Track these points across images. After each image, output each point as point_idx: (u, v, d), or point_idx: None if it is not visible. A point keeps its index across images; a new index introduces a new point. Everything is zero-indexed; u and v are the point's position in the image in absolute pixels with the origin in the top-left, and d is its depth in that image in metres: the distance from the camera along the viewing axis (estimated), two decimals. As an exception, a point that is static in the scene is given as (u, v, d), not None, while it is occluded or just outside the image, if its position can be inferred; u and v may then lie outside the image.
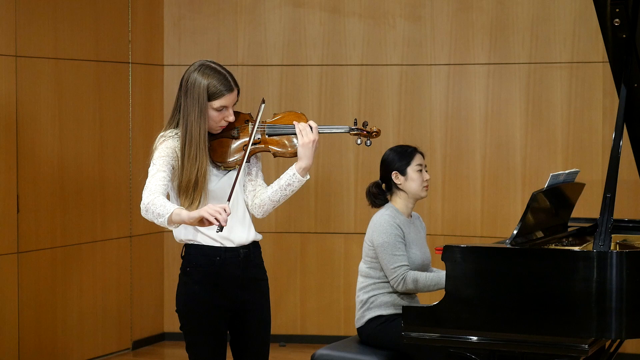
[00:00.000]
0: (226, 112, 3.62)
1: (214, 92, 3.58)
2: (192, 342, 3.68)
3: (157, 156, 3.56)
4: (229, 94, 3.60)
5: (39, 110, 5.87)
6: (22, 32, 5.75)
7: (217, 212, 3.30)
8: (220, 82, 3.59)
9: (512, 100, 6.40)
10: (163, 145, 3.59)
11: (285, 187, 3.66)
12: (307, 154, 3.62)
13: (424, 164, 4.60)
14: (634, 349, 6.04)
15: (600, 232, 3.82)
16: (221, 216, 3.30)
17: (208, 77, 3.59)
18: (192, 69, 3.62)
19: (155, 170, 3.51)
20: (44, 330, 5.94)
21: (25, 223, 5.78)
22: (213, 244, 3.64)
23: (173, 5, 6.77)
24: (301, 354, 6.02)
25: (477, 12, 6.43)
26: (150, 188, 3.46)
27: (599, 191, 4.70)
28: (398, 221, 4.47)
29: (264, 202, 3.70)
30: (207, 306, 3.64)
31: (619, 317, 3.67)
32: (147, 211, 3.42)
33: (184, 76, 3.64)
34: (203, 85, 3.58)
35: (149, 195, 3.43)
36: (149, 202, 3.41)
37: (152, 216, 3.41)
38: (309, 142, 3.61)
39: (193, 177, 3.54)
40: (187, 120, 3.57)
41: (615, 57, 4.32)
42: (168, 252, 6.82)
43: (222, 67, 3.65)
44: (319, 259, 6.74)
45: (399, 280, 4.38)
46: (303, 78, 6.69)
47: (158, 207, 3.39)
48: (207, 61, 3.65)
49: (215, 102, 3.59)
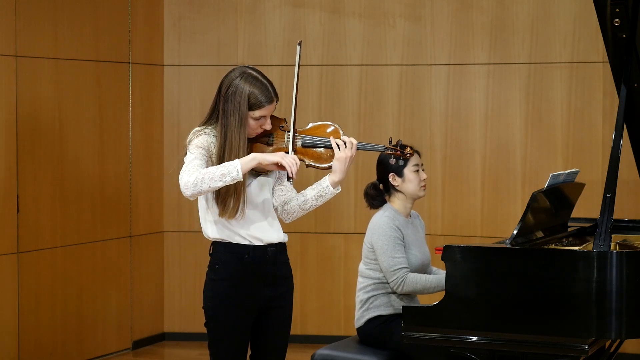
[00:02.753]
0: (264, 121, 3.63)
1: (255, 103, 3.59)
2: (216, 339, 3.71)
3: (194, 146, 3.58)
4: (269, 105, 3.62)
5: (39, 110, 5.87)
6: (22, 32, 5.75)
7: (292, 162, 3.49)
8: (261, 93, 3.60)
9: (512, 100, 6.40)
10: (200, 138, 3.60)
11: (317, 197, 3.71)
12: (341, 169, 3.65)
13: (421, 163, 4.58)
14: (634, 349, 6.04)
15: (600, 232, 3.83)
16: (294, 167, 3.49)
17: (250, 86, 3.59)
18: (234, 76, 3.61)
19: (193, 157, 3.54)
20: (44, 330, 5.94)
21: (25, 223, 5.79)
22: (242, 242, 3.67)
23: (173, 5, 6.77)
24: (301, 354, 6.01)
25: (477, 12, 6.43)
26: (189, 169, 3.48)
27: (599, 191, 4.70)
28: (397, 223, 4.46)
29: (294, 210, 3.76)
30: (234, 304, 3.67)
31: (619, 317, 3.68)
32: (201, 182, 3.43)
33: (224, 81, 3.63)
34: (245, 94, 3.58)
35: (193, 172, 3.45)
36: (197, 175, 3.44)
37: (213, 181, 3.42)
38: (346, 157, 3.64)
39: (232, 184, 3.54)
40: (227, 128, 3.58)
41: (615, 57, 4.32)
42: (168, 252, 6.82)
43: (264, 75, 3.65)
44: (319, 259, 6.75)
45: (398, 282, 4.38)
46: (303, 78, 6.68)
47: (217, 170, 3.44)
48: (249, 69, 3.64)
49: (255, 112, 3.60)
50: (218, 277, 3.69)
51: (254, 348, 3.81)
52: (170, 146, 6.75)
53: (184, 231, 6.82)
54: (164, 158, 6.74)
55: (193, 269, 6.80)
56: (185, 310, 6.84)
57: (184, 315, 6.85)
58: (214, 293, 3.69)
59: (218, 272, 3.69)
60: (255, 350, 3.81)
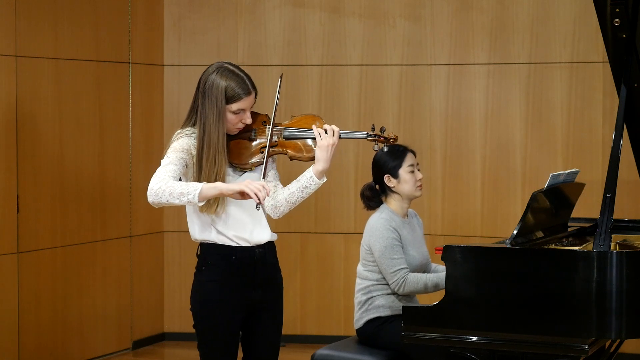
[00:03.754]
0: (244, 114, 3.62)
1: (232, 95, 3.58)
2: (205, 341, 3.70)
3: (171, 150, 3.57)
4: (247, 97, 3.60)
5: (39, 110, 5.87)
6: (22, 32, 5.75)
7: (258, 188, 3.36)
8: (238, 85, 3.59)
9: (512, 100, 6.40)
10: (180, 141, 3.59)
11: (302, 189, 3.66)
12: (324, 157, 3.62)
13: (416, 162, 4.56)
14: (634, 349, 6.04)
15: (600, 232, 3.82)
16: (261, 193, 3.36)
17: (226, 80, 3.58)
18: (210, 71, 3.62)
19: (168, 162, 3.52)
20: (44, 330, 5.94)
21: (25, 223, 5.78)
22: (229, 243, 3.65)
23: (173, 5, 6.77)
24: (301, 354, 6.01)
25: (477, 12, 6.43)
26: (159, 176, 3.45)
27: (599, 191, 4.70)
28: (394, 224, 4.45)
29: (280, 204, 3.71)
30: (221, 305, 3.66)
31: (619, 317, 3.68)
32: (162, 194, 3.39)
33: (201, 77, 3.63)
34: (221, 87, 3.57)
35: (160, 181, 3.42)
36: (159, 186, 3.40)
37: (172, 197, 3.38)
38: (327, 145, 3.61)
39: (212, 180, 3.53)
40: (205, 123, 3.57)
41: (615, 57, 4.32)
42: (168, 252, 6.82)
43: (240, 69, 3.65)
44: (319, 259, 6.74)
45: (399, 283, 4.37)
46: (303, 78, 6.69)
47: (178, 187, 3.39)
48: (225, 63, 3.65)
49: (233, 105, 3.59)
50: (205, 279, 3.68)
51: (245, 350, 3.80)
52: (170, 146, 6.74)
53: (184, 231, 6.80)
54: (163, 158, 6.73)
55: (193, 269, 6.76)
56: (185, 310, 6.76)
57: (184, 315, 6.83)
58: (202, 295, 3.68)
59: (205, 274, 3.68)
60: (247, 353, 3.79)
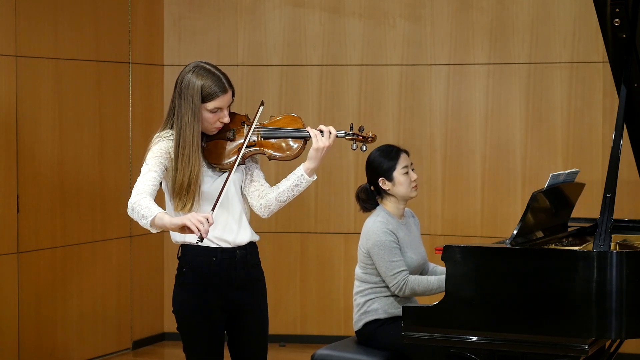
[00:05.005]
0: (221, 113, 3.61)
1: (208, 94, 3.57)
2: (189, 343, 3.68)
3: (150, 156, 3.55)
4: (223, 95, 3.59)
5: (39, 110, 5.87)
6: (22, 32, 5.75)
7: (199, 222, 3.28)
8: (214, 84, 3.58)
9: (512, 100, 6.40)
10: (157, 145, 3.58)
11: (292, 187, 3.65)
12: (318, 157, 3.63)
13: (410, 163, 4.55)
14: (634, 349, 6.04)
15: (600, 232, 3.82)
16: (203, 227, 3.28)
17: (202, 79, 3.57)
18: (187, 70, 3.61)
19: (147, 170, 3.51)
20: (44, 330, 5.94)
21: (25, 223, 5.78)
22: (209, 245, 3.63)
23: (173, 5, 6.77)
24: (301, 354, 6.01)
25: (477, 12, 6.43)
26: (138, 187, 3.45)
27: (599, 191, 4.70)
28: (390, 226, 4.44)
29: (270, 203, 3.69)
30: (203, 307, 3.63)
31: (619, 317, 3.67)
32: (132, 210, 3.42)
33: (178, 77, 3.63)
34: (197, 86, 3.56)
35: (136, 195, 3.42)
36: (135, 201, 3.41)
37: (137, 217, 3.41)
38: (324, 147, 3.62)
39: (186, 179, 3.53)
40: (181, 122, 3.57)
41: (615, 57, 4.32)
42: (168, 252, 6.82)
43: (217, 68, 3.64)
44: (319, 259, 6.74)
45: (400, 285, 4.36)
46: (303, 78, 6.69)
47: (143, 208, 3.38)
48: (201, 62, 3.64)
49: (209, 104, 3.58)
50: (186, 281, 3.66)
51: (232, 353, 3.78)
52: (170, 146, 6.74)
53: (184, 231, 6.81)
54: (164, 158, 6.74)
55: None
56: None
57: (184, 315, 6.84)
58: (183, 297, 3.66)
59: (186, 276, 3.65)
60: (234, 355, 3.78)
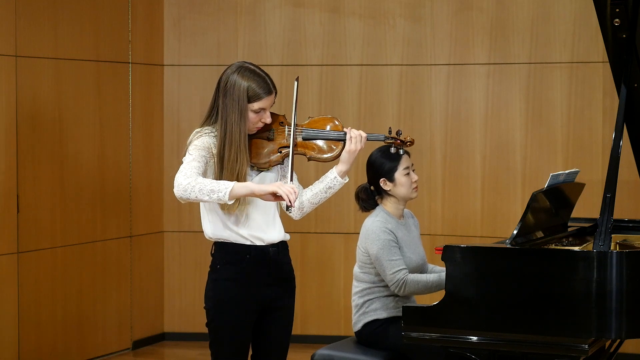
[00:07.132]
0: (264, 114, 3.66)
1: (253, 95, 3.62)
2: (218, 339, 3.71)
3: (193, 147, 3.60)
4: (268, 96, 3.65)
5: (39, 110, 5.87)
6: (22, 32, 5.75)
7: (290, 191, 3.43)
8: (259, 85, 3.64)
9: (512, 100, 6.40)
10: (200, 140, 3.62)
11: (325, 189, 3.75)
12: (350, 160, 3.72)
13: (411, 164, 4.56)
14: (634, 349, 6.04)
15: (600, 232, 3.82)
16: (292, 196, 3.43)
17: (248, 80, 3.63)
18: (231, 71, 3.66)
19: (191, 159, 3.55)
20: (44, 330, 5.94)
21: (25, 223, 5.78)
22: (243, 242, 3.68)
23: (173, 5, 6.77)
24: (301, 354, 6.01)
25: (477, 12, 6.43)
26: (186, 171, 3.49)
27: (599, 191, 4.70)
28: (390, 226, 4.44)
29: (304, 205, 3.77)
30: (236, 304, 3.67)
31: (619, 317, 3.68)
32: (191, 190, 3.44)
33: (221, 77, 3.67)
34: (243, 87, 3.61)
35: (189, 177, 3.47)
36: (190, 181, 3.45)
37: (200, 194, 3.43)
38: (356, 150, 3.71)
39: (234, 178, 3.56)
40: (227, 122, 3.61)
41: (615, 57, 4.32)
42: (168, 252, 6.82)
43: (260, 69, 3.70)
44: (319, 259, 6.74)
45: (400, 284, 4.36)
46: (303, 78, 6.68)
47: (209, 183, 3.44)
48: (245, 63, 3.69)
49: (254, 105, 3.63)
50: (219, 277, 3.70)
51: (255, 348, 3.81)
52: (170, 146, 6.74)
53: (184, 231, 6.82)
54: (164, 158, 6.74)
55: (193, 269, 6.80)
56: (185, 310, 6.84)
57: (184, 315, 6.85)
58: (216, 293, 3.70)
59: (219, 272, 3.70)
60: (257, 351, 3.81)
